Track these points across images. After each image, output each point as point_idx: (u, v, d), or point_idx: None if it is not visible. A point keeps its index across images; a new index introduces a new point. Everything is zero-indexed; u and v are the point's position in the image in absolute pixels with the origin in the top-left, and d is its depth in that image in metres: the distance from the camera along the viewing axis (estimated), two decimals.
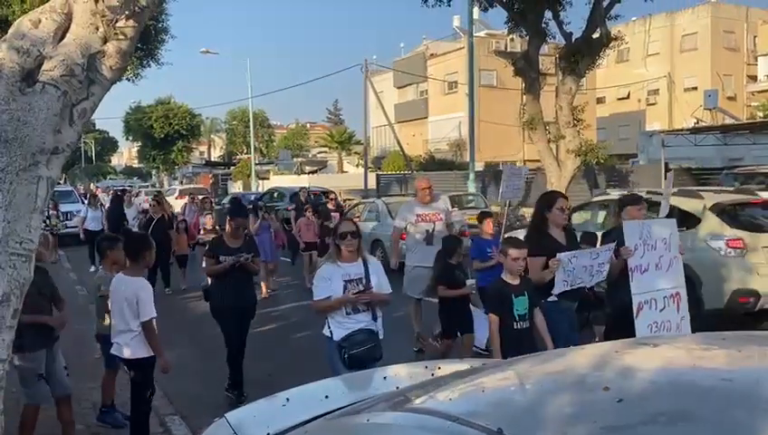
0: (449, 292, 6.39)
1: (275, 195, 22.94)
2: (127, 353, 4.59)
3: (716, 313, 7.49)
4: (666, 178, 14.85)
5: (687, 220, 8.22)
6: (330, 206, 14.03)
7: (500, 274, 4.94)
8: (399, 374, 2.87)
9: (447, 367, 2.72)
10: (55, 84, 3.48)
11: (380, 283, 4.40)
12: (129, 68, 14.36)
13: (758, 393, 1.46)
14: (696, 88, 39.29)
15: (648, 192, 9.76)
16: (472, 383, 1.85)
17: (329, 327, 4.34)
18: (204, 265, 6.74)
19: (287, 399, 2.71)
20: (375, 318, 4.33)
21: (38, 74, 3.48)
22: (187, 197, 21.88)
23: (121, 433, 5.18)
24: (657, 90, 43.45)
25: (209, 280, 6.40)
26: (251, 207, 11.85)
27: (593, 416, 1.40)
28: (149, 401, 4.76)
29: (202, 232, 12.27)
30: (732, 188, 11.99)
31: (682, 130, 22.63)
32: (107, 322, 5.36)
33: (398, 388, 2.40)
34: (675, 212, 8.53)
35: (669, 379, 1.68)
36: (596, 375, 1.70)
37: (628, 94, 44.28)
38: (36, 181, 3.46)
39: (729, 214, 8.15)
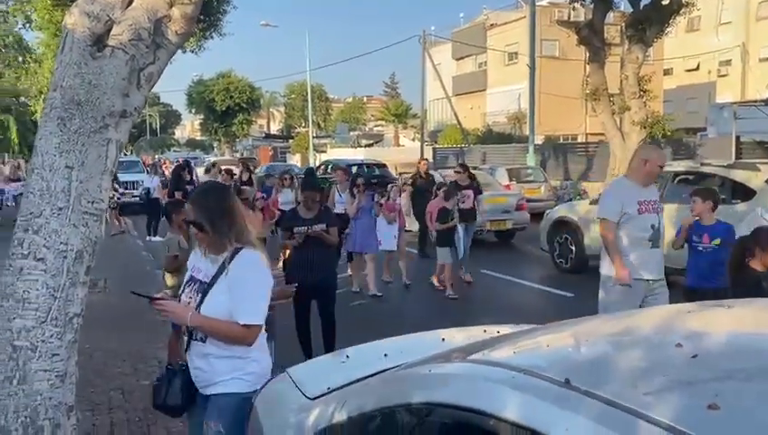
0: None
1: (330, 167, 23.13)
2: None
3: None
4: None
5: (742, 193, 7.94)
6: (461, 181, 10.28)
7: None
8: (457, 337, 2.86)
9: (507, 330, 2.69)
10: (124, 49, 3.57)
11: (233, 303, 2.61)
12: (192, 39, 14.62)
13: None
14: None
15: (701, 164, 9.41)
16: (535, 340, 1.83)
17: None
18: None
19: (347, 356, 2.75)
20: (186, 350, 2.77)
21: (107, 39, 3.58)
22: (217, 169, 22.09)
23: None
24: (730, 60, 41.29)
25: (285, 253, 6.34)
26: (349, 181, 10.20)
27: (666, 370, 1.36)
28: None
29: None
30: None
31: (756, 101, 21.50)
32: (170, 282, 5.57)
33: None
34: (728, 184, 8.22)
35: (748, 338, 1.62)
36: (667, 333, 1.65)
37: (698, 65, 42.28)
38: (106, 143, 3.58)
39: None
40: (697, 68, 42.40)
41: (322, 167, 23.58)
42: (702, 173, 9.03)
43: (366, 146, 45.86)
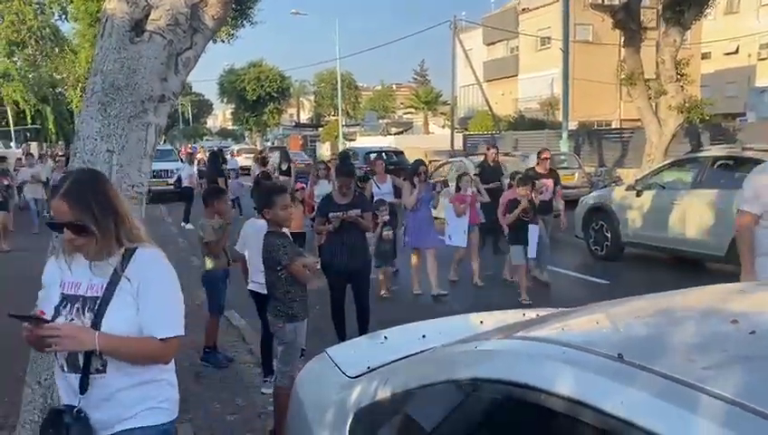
0: None
1: (350, 155, 23.19)
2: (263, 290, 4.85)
3: None
4: None
5: None
6: (540, 169, 9.25)
7: None
8: (495, 320, 2.84)
9: (547, 313, 2.66)
10: (161, 34, 3.61)
11: (144, 315, 2.09)
12: (223, 28, 14.73)
13: None
14: None
15: (743, 148, 9.16)
16: (584, 318, 1.80)
17: None
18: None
19: (385, 337, 2.75)
20: (84, 389, 2.08)
21: (145, 24, 3.61)
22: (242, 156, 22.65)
23: (222, 372, 5.47)
24: None
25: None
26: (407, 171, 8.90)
27: (723, 345, 1.33)
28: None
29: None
30: None
31: None
32: (209, 266, 5.66)
33: None
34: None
35: None
36: (721, 309, 1.61)
37: (737, 49, 41.08)
38: (146, 128, 3.63)
39: None
40: (736, 51, 41.22)
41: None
42: (743, 158, 8.80)
43: (395, 134, 45.78)
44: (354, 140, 43.00)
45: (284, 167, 13.86)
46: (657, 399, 1.14)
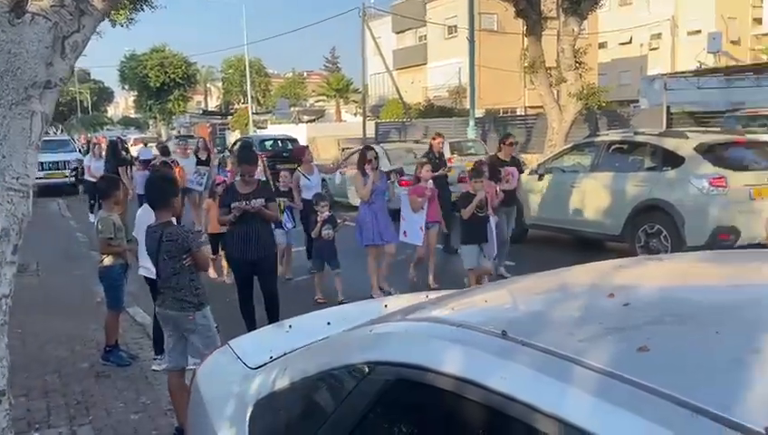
0: None
1: (251, 143, 22.53)
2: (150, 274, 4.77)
3: (697, 250, 7.61)
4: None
5: (672, 160, 8.29)
6: (503, 156, 8.53)
7: None
8: (400, 304, 2.88)
9: (443, 294, 2.71)
10: (45, 15, 3.40)
11: None
12: (121, 12, 14.00)
13: (763, 300, 1.47)
14: (700, 31, 38.54)
15: (635, 133, 9.78)
16: (474, 298, 1.85)
17: None
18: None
19: (290, 326, 2.73)
20: None
21: (27, 5, 3.38)
22: (141, 144, 21.89)
23: (126, 371, 5.26)
24: (660, 34, 42.61)
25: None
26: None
27: (599, 318, 1.40)
28: None
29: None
30: (719, 129, 12.10)
31: (685, 73, 22.31)
32: (106, 261, 5.42)
33: None
34: (660, 152, 8.58)
35: (679, 287, 1.68)
36: (600, 285, 1.69)
37: (631, 39, 43.50)
38: (30, 116, 3.41)
39: (713, 153, 8.20)
40: (630, 41, 43.61)
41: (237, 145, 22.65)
42: (635, 142, 9.34)
43: (307, 122, 45.34)
44: (265, 127, 42.26)
45: (203, 157, 13.18)
46: (536, 372, 1.19)
